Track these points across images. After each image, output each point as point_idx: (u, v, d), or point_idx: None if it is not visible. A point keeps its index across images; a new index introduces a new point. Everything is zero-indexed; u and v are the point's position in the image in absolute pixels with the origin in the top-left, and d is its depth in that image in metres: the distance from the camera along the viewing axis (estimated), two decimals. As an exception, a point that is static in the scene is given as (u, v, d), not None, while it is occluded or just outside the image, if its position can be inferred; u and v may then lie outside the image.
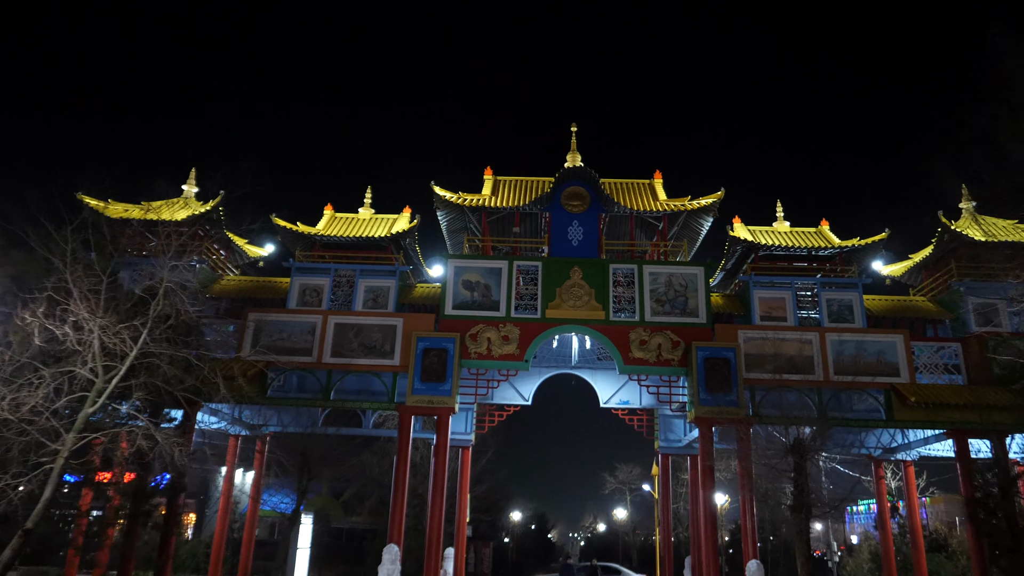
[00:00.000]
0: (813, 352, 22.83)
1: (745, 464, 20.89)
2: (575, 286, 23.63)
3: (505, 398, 28.48)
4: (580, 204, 25.65)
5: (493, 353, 22.81)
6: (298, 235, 25.75)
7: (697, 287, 23.63)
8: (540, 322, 23.23)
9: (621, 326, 23.11)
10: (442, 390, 21.83)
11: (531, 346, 22.88)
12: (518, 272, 23.90)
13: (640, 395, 28.36)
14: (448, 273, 23.84)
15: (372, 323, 23.46)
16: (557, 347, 27.67)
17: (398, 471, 21.28)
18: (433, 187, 25.28)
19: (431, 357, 22.23)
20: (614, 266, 23.91)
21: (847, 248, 24.77)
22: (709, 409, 21.34)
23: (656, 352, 22.71)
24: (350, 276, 25.11)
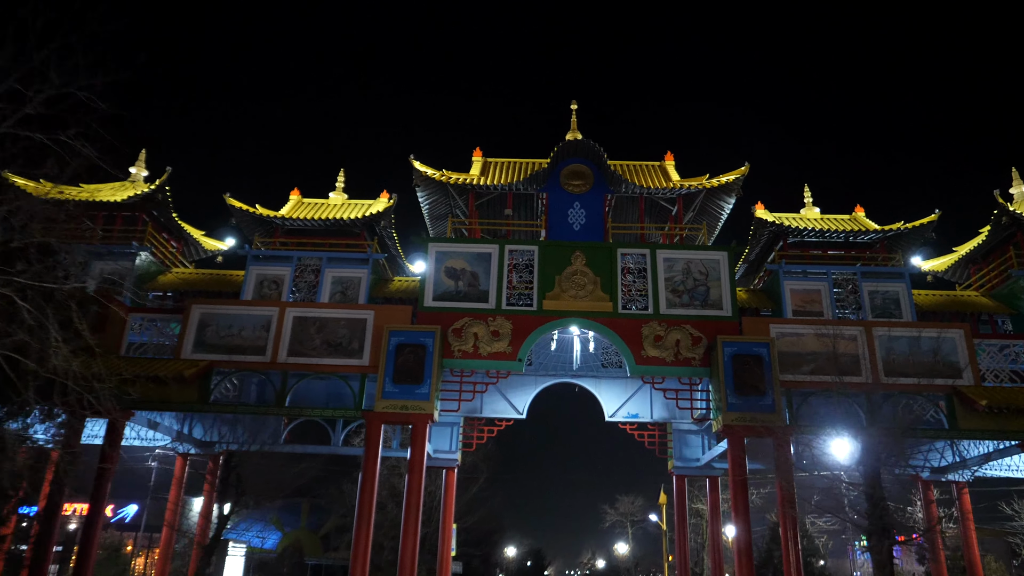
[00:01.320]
0: (859, 350, 19.29)
1: (786, 484, 17.22)
2: (577, 274, 20.16)
3: (495, 411, 24.77)
4: (582, 184, 22.32)
5: (480, 351, 19.23)
6: (256, 219, 22.29)
7: (720, 275, 20.18)
8: (536, 315, 19.70)
9: (632, 320, 19.59)
10: (418, 393, 18.18)
11: (525, 343, 19.32)
12: (511, 258, 20.44)
13: (651, 407, 24.70)
14: (428, 259, 20.36)
15: (338, 316, 19.87)
16: (556, 350, 24.06)
17: (363, 492, 17.52)
18: (412, 162, 21.92)
19: (406, 355, 18.63)
20: (623, 251, 20.47)
21: (890, 233, 21.40)
22: (740, 416, 17.72)
23: (673, 350, 19.16)
24: (315, 265, 21.60)
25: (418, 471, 17.60)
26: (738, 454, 17.56)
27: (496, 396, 24.88)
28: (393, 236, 22.41)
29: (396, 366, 18.49)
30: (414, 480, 17.49)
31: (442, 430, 24.84)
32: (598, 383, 24.98)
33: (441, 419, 24.71)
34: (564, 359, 24.68)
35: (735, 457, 17.55)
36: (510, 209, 22.21)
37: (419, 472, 17.59)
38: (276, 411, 19.06)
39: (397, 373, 18.40)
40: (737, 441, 17.68)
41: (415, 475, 17.54)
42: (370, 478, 17.58)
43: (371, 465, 17.71)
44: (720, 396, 18.07)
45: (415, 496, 17.38)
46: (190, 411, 19.01)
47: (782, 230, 21.40)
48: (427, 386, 18.20)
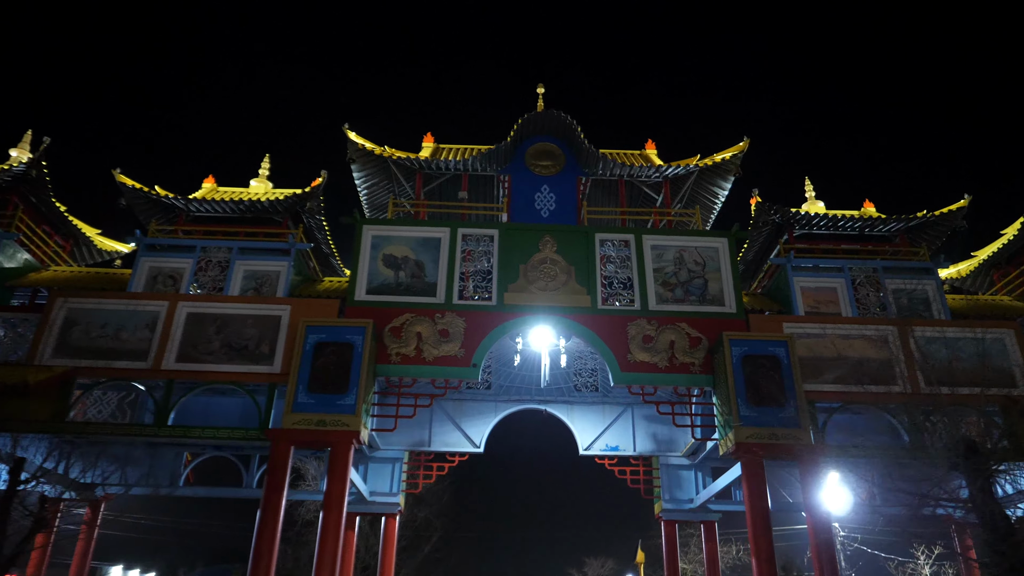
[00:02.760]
0: (891, 355, 15.70)
1: (820, 525, 13.22)
2: (547, 262, 16.35)
3: (447, 443, 20.46)
4: (551, 164, 18.76)
5: (425, 355, 15.12)
6: (153, 202, 18.14)
7: (720, 265, 16.57)
8: (496, 311, 15.75)
9: (615, 316, 15.76)
10: (341, 405, 13.91)
11: (482, 346, 15.30)
12: (465, 244, 16.58)
13: (634, 437, 20.64)
14: (362, 245, 16.38)
15: (244, 313, 15.65)
16: (520, 368, 20.00)
17: (260, 541, 12.98)
18: (347, 132, 18.14)
19: (327, 356, 14.42)
20: (602, 235, 16.77)
21: (914, 222, 18.13)
22: (756, 432, 13.80)
23: (667, 353, 15.31)
24: (223, 257, 17.41)
25: (337, 508, 13.18)
26: (757, 480, 13.57)
27: (447, 425, 20.62)
28: (323, 225, 18.40)
29: (314, 371, 14.26)
30: (331, 521, 13.05)
31: (381, 468, 20.39)
32: (570, 410, 20.92)
33: (380, 455, 20.31)
34: (529, 380, 20.61)
35: (753, 484, 13.54)
36: (465, 191, 18.46)
37: (338, 510, 13.17)
38: (153, 432, 14.53)
39: (314, 380, 14.15)
40: (754, 463, 13.71)
41: (332, 514, 13.11)
42: (271, 521, 13.07)
43: (273, 502, 13.24)
44: (730, 408, 14.18)
45: (331, 542, 12.91)
46: (35, 432, 14.37)
47: (788, 219, 17.99)
48: (353, 396, 13.97)
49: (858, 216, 17.93)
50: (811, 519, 13.31)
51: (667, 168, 18.19)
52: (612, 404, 21.05)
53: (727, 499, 19.95)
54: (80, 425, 14.70)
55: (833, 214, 17.88)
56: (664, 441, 20.59)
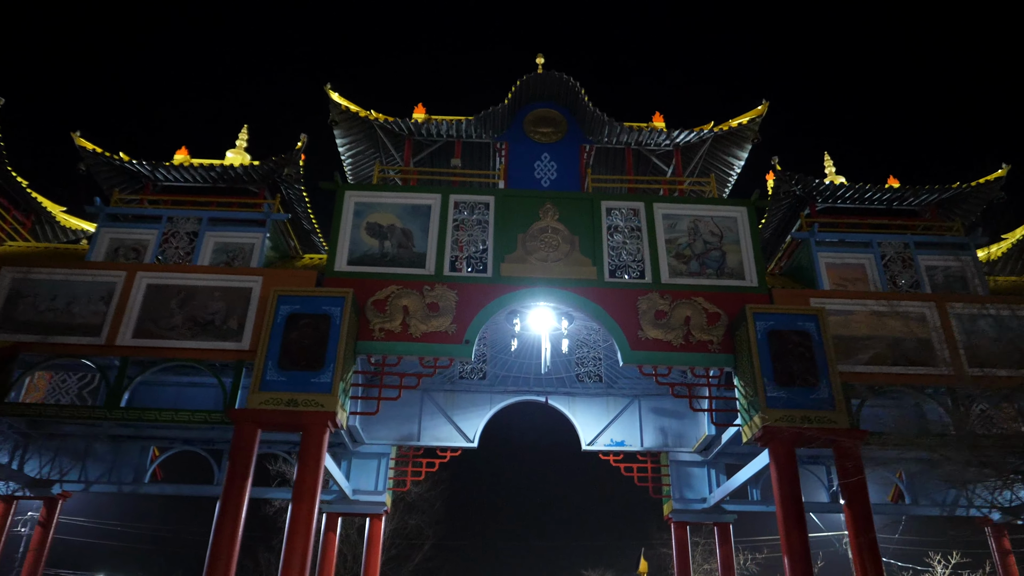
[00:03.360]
0: (930, 334, 14.14)
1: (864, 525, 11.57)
2: (548, 231, 14.79)
3: (437, 437, 18.83)
4: (553, 132, 17.25)
5: (412, 331, 13.50)
6: (117, 168, 16.56)
7: (739, 236, 15.02)
8: (491, 283, 14.16)
9: (624, 290, 14.18)
10: (315, 383, 12.26)
11: (475, 321, 13.69)
12: (458, 212, 15.02)
13: (641, 432, 19.02)
14: (343, 212, 14.81)
15: (211, 285, 14.02)
16: (517, 355, 18.39)
17: (218, 539, 11.29)
18: (329, 92, 16.61)
19: (301, 329, 12.79)
20: (609, 203, 15.22)
21: (948, 194, 16.61)
22: (786, 414, 12.19)
23: (682, 330, 13.71)
24: (191, 228, 15.81)
25: (308, 499, 11.49)
26: (787, 468, 11.93)
27: (438, 418, 18.98)
28: (303, 197, 16.80)
29: (285, 345, 12.62)
30: (301, 513, 11.35)
31: (365, 464, 18.70)
32: (572, 402, 19.31)
33: (365, 449, 18.63)
34: (528, 368, 19.00)
35: (784, 473, 11.89)
36: (458, 159, 16.91)
37: (310, 501, 11.48)
38: (100, 414, 12.85)
39: (286, 355, 12.52)
40: (784, 449, 12.07)
41: (303, 506, 11.42)
42: (231, 516, 11.37)
43: (235, 494, 11.54)
44: (755, 389, 12.57)
45: (301, 539, 11.21)
46: (-31, 413, 12.68)
47: (810, 190, 16.46)
48: (329, 373, 12.33)
49: (888, 189, 16.40)
50: (852, 516, 11.67)
51: (678, 134, 16.67)
52: (617, 396, 19.46)
53: (743, 498, 18.34)
54: (19, 407, 13.05)
55: (860, 184, 16.35)
56: (674, 436, 18.98)
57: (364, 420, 18.63)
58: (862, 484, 11.77)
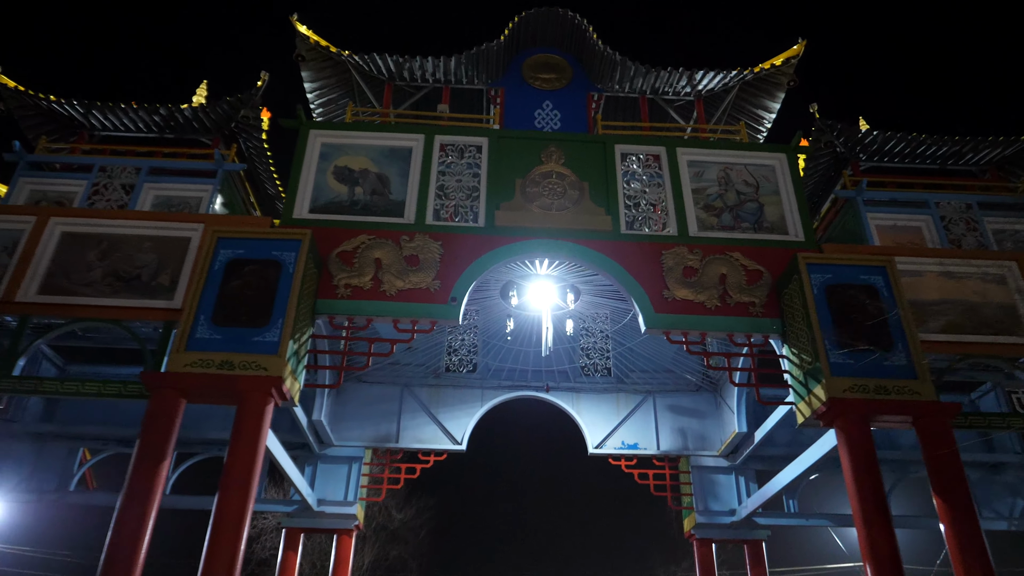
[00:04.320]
0: (1012, 297, 11.67)
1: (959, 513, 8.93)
2: (552, 177, 12.34)
3: (420, 439, 16.14)
4: (556, 78, 14.96)
5: (385, 287, 10.91)
6: (43, 113, 14.07)
7: (779, 187, 12.62)
8: (483, 233, 11.64)
9: (644, 244, 11.68)
10: (259, 342, 9.61)
11: (464, 277, 11.12)
12: (444, 156, 12.57)
13: (657, 432, 16.37)
14: (307, 153, 12.34)
15: (141, 233, 11.44)
16: (512, 341, 15.81)
17: (116, 541, 8.52)
18: (295, 24, 14.26)
19: (245, 279, 10.20)
20: (624, 148, 12.82)
21: (1013, 148, 14.28)
22: (856, 383, 9.61)
23: (716, 290, 11.19)
24: (129, 179, 13.28)
25: (240, 490, 8.72)
26: (863, 450, 9.28)
27: (420, 417, 16.30)
28: (263, 148, 14.30)
29: (223, 297, 10.01)
30: (230, 506, 8.58)
31: (333, 470, 15.93)
32: (576, 399, 16.68)
33: (333, 452, 15.90)
34: (525, 358, 16.41)
35: (859, 456, 9.24)
36: (446, 104, 14.54)
37: (242, 492, 8.71)
38: (-15, 381, 10.12)
39: (223, 308, 9.89)
40: (857, 428, 9.43)
41: (232, 498, 8.66)
42: (136, 511, 8.62)
43: (143, 482, 8.79)
44: (813, 355, 10.00)
45: (228, 542, 8.43)
46: None
47: (854, 143, 14.12)
48: (276, 331, 9.69)
49: (945, 138, 14.10)
50: (950, 511, 9.01)
51: (702, 77, 14.38)
52: (629, 392, 16.86)
53: (777, 510, 15.62)
54: None
55: (914, 135, 14.04)
56: (695, 437, 16.33)
57: (333, 418, 15.93)
58: (959, 471, 9.15)
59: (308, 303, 10.48)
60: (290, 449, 15.49)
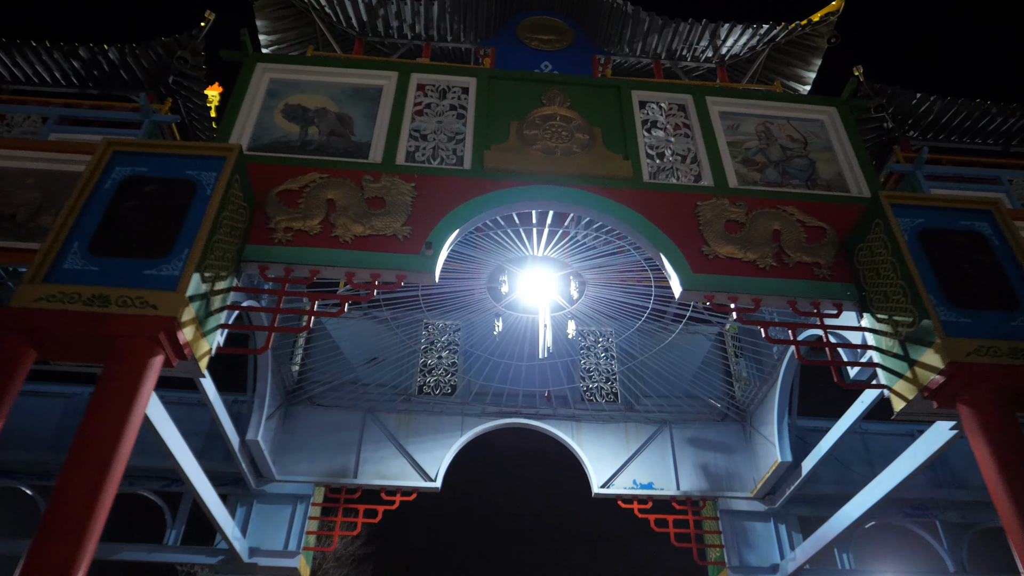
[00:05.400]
0: None
1: None
2: (555, 119, 9.94)
3: (383, 474, 13.08)
4: (555, 40, 12.87)
5: (338, 233, 8.22)
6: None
7: (832, 143, 10.32)
8: (469, 177, 9.11)
9: (674, 194, 9.21)
10: (152, 276, 6.78)
11: (442, 225, 8.48)
12: (423, 98, 10.17)
13: (675, 471, 13.45)
14: (251, 89, 9.89)
15: (24, 167, 8.78)
16: (500, 358, 13.04)
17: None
18: (250, -40, 12.13)
19: (144, 199, 7.49)
20: (642, 94, 10.52)
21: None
22: (981, 345, 6.95)
23: (770, 248, 8.62)
24: (33, 127, 10.74)
25: (95, 465, 5.76)
26: (1011, 433, 6.54)
27: (385, 448, 13.31)
28: (206, 104, 11.86)
29: (110, 219, 7.25)
30: (72, 486, 5.59)
31: (273, 512, 12.70)
32: (577, 429, 13.80)
33: (275, 490, 12.77)
34: (516, 375, 13.58)
35: (1005, 441, 6.47)
36: (427, 59, 12.30)
37: (97, 468, 5.74)
38: None
39: (106, 234, 7.11)
40: (993, 403, 6.71)
41: (79, 477, 5.67)
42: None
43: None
44: (915, 312, 7.36)
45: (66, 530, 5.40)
46: None
47: (906, 112, 12.01)
48: (178, 263, 6.89)
49: (1014, 107, 12.02)
50: None
51: (726, 36, 12.34)
52: (640, 422, 14.01)
53: (829, 566, 12.55)
54: None
55: (978, 102, 11.95)
56: (723, 475, 13.39)
57: (277, 448, 12.88)
58: None
59: (232, 244, 7.74)
60: (219, 484, 12.30)
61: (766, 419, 13.12)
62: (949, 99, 11.92)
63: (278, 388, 13.08)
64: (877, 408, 11.70)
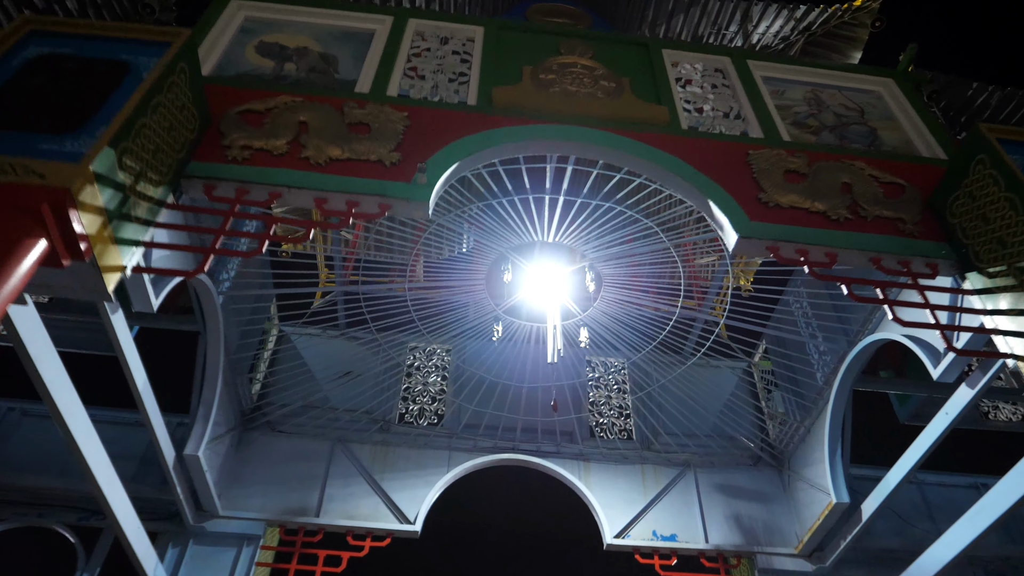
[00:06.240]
0: None
1: None
2: (576, 67, 8.51)
3: (352, 514, 10.87)
4: (571, 24, 11.71)
5: (309, 154, 6.55)
6: None
7: (892, 112, 8.91)
8: (474, 112, 7.55)
9: (719, 142, 7.69)
10: (52, 150, 5.01)
11: (442, 154, 6.85)
12: (420, 39, 8.78)
13: (703, 522, 11.32)
14: (220, 21, 8.45)
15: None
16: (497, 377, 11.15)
17: None
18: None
19: (58, 78, 5.83)
20: (674, 54, 9.15)
21: None
22: None
23: (842, 200, 7.02)
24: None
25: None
26: None
27: (356, 484, 11.19)
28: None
29: (10, 94, 5.58)
30: None
31: (214, 556, 10.36)
32: (585, 470, 11.78)
33: (219, 528, 10.49)
34: (514, 401, 11.63)
35: None
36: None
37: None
38: None
39: (3, 108, 5.44)
40: None
41: None
42: None
43: None
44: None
45: None
46: None
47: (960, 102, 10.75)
48: (88, 139, 5.16)
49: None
50: None
51: (757, 20, 11.20)
52: (659, 464, 11.93)
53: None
54: None
55: (1042, 94, 10.71)
56: (759, 529, 11.23)
57: (227, 478, 10.75)
58: None
59: (171, 151, 6.04)
60: (150, 518, 10.02)
61: (810, 459, 11.09)
62: (1009, 90, 10.67)
63: (232, 406, 11.00)
64: (935, 457, 9.89)
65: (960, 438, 10.73)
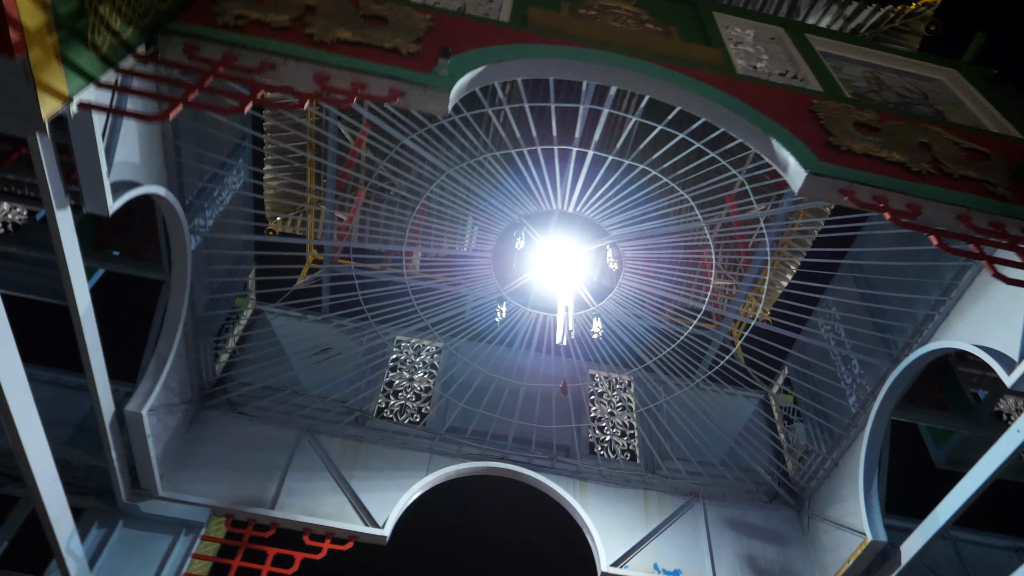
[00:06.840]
0: None
1: None
2: (617, 9, 7.69)
3: (312, 511, 9.38)
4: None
5: (313, 32, 5.60)
6: None
7: (959, 99, 8.10)
8: (505, 27, 6.65)
9: (778, 89, 6.81)
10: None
11: (467, 56, 5.91)
12: (448, -29, 7.96)
13: (711, 557, 9.90)
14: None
15: None
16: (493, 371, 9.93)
17: None
18: None
19: None
20: (725, 17, 8.39)
21: None
22: None
23: (922, 155, 6.11)
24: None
25: None
26: None
27: (320, 479, 9.82)
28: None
29: None
30: None
31: (143, 540, 8.91)
32: (581, 489, 10.49)
33: (154, 510, 9.07)
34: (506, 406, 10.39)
35: None
36: None
37: None
38: None
39: None
40: None
41: None
42: None
43: None
44: None
45: None
46: None
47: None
48: (47, -73, 4.18)
49: None
50: None
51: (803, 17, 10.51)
52: (664, 491, 10.59)
53: None
54: None
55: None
56: (775, 572, 9.84)
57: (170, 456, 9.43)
58: None
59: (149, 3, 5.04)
60: (77, 492, 8.61)
61: (836, 496, 9.80)
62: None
63: (190, 376, 9.67)
64: (970, 514, 8.65)
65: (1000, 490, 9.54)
